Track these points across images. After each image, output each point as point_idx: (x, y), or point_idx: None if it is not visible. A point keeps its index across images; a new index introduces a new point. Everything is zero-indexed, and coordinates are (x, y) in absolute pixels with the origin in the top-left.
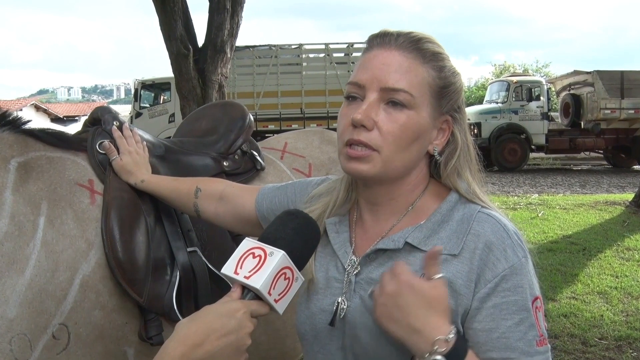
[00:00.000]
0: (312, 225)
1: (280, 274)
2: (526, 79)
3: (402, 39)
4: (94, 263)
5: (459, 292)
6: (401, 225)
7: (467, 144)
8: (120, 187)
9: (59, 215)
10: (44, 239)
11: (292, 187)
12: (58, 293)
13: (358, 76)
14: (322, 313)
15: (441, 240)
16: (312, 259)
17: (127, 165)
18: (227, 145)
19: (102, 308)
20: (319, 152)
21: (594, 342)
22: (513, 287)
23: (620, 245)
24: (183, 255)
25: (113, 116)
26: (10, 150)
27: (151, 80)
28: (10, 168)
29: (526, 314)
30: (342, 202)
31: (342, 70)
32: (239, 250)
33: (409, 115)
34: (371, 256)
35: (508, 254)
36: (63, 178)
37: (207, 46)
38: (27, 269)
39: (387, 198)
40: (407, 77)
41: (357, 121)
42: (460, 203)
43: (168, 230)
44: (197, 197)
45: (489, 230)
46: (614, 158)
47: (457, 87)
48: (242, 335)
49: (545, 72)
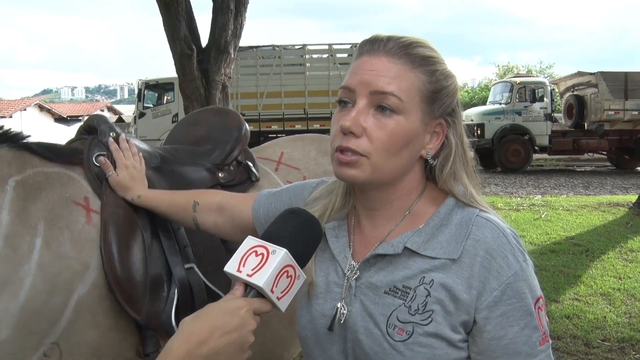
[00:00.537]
0: (314, 223)
1: (282, 272)
2: (530, 79)
3: (392, 44)
4: (90, 284)
5: (458, 297)
6: (399, 229)
7: (462, 147)
8: (116, 203)
9: (55, 236)
10: (40, 262)
11: (287, 192)
12: (52, 315)
13: (348, 81)
14: (323, 317)
15: (440, 244)
16: (313, 263)
17: (124, 180)
18: (222, 156)
19: (97, 327)
20: (315, 165)
21: (596, 344)
22: (517, 293)
23: (623, 247)
24: (180, 271)
25: (110, 127)
26: (8, 168)
27: (155, 80)
28: (7, 188)
29: (530, 317)
30: (340, 207)
31: (346, 70)
32: (242, 249)
33: (398, 121)
34: (370, 261)
35: (510, 261)
36: (60, 196)
37: (211, 46)
38: (22, 292)
39: (382, 203)
40: (396, 81)
41: (346, 128)
42: (457, 207)
43: (165, 246)
44: (195, 211)
45: (489, 235)
46: (617, 159)
47: (450, 91)
48: (245, 333)
49: (549, 73)
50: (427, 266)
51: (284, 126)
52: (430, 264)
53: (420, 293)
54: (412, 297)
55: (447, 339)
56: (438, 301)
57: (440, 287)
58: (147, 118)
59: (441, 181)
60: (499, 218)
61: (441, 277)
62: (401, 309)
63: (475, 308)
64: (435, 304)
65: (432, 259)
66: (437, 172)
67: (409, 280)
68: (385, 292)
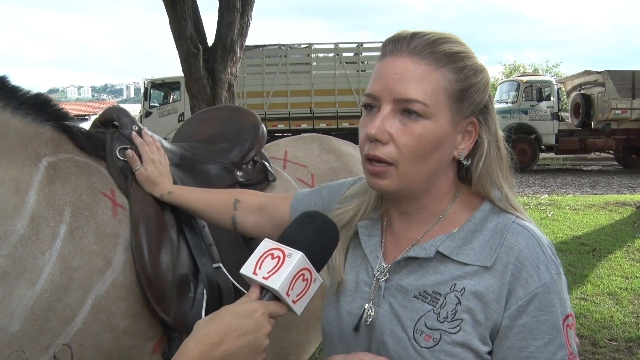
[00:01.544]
0: (330, 227)
1: (298, 275)
2: (536, 78)
3: (415, 42)
4: (110, 283)
5: (489, 305)
6: (432, 233)
7: (497, 145)
8: (144, 200)
9: (80, 226)
10: (61, 252)
11: (326, 189)
12: (67, 313)
13: (372, 87)
14: (350, 315)
15: (473, 250)
16: (342, 260)
17: (152, 175)
18: (241, 154)
19: (112, 330)
20: (320, 162)
21: (603, 344)
22: (544, 306)
23: (630, 247)
24: (210, 271)
25: (132, 120)
26: (45, 147)
27: (161, 79)
28: (40, 167)
29: (556, 333)
30: (374, 208)
31: (352, 69)
32: (259, 251)
33: (425, 125)
34: (401, 263)
35: (541, 271)
36: (88, 184)
37: (217, 45)
38: (39, 282)
39: (416, 207)
40: (420, 85)
41: (372, 136)
42: (493, 212)
43: (192, 245)
44: (235, 209)
45: (523, 243)
46: (624, 158)
47: (481, 87)
48: (260, 336)
49: (556, 72)
50: (459, 272)
51: (290, 125)
52: (462, 270)
53: (451, 300)
54: (441, 303)
55: (474, 350)
56: (468, 310)
57: (471, 295)
58: (154, 117)
59: (476, 183)
60: (535, 226)
61: (473, 285)
62: (430, 315)
63: (501, 315)
64: (465, 313)
65: (464, 265)
66: (472, 174)
67: (439, 286)
68: (414, 297)
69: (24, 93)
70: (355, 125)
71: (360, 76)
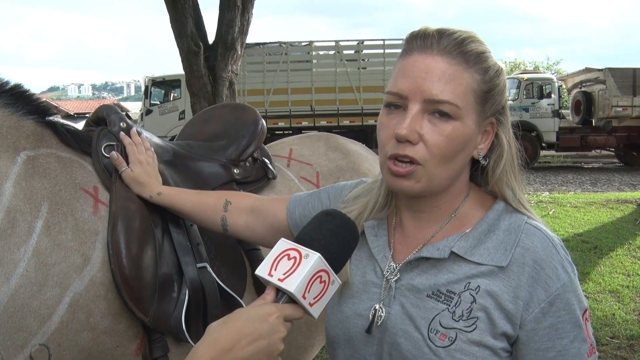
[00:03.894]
0: (350, 226)
1: (315, 277)
2: (537, 76)
3: (445, 41)
4: (88, 280)
5: (503, 306)
6: (444, 232)
7: (511, 146)
8: (127, 197)
9: (58, 222)
10: (37, 247)
11: (325, 193)
12: (43, 311)
13: (399, 85)
14: (358, 317)
15: (487, 250)
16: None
17: (139, 177)
18: (238, 151)
19: (92, 330)
20: (326, 160)
21: (605, 341)
22: (566, 305)
23: (631, 244)
24: (192, 271)
25: (120, 117)
26: (25, 141)
27: (161, 77)
28: (18, 160)
29: (579, 330)
30: (382, 207)
31: (353, 67)
32: (274, 251)
33: (455, 126)
34: (413, 263)
35: (559, 272)
36: (69, 180)
37: (218, 43)
38: (13, 277)
39: (430, 206)
40: (451, 86)
41: (402, 137)
42: (506, 212)
43: (176, 244)
44: (226, 210)
45: (539, 245)
46: (625, 156)
47: (501, 88)
48: (275, 340)
49: (557, 69)
50: (473, 272)
51: (291, 123)
52: (477, 269)
53: (466, 299)
54: (456, 302)
55: (490, 347)
56: (483, 308)
57: (486, 294)
58: (154, 115)
59: (492, 183)
60: (545, 225)
61: (488, 284)
62: (444, 314)
63: (521, 319)
64: (480, 311)
65: (479, 264)
66: (489, 173)
67: (453, 284)
68: (427, 296)
69: (3, 84)
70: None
71: (361, 74)
